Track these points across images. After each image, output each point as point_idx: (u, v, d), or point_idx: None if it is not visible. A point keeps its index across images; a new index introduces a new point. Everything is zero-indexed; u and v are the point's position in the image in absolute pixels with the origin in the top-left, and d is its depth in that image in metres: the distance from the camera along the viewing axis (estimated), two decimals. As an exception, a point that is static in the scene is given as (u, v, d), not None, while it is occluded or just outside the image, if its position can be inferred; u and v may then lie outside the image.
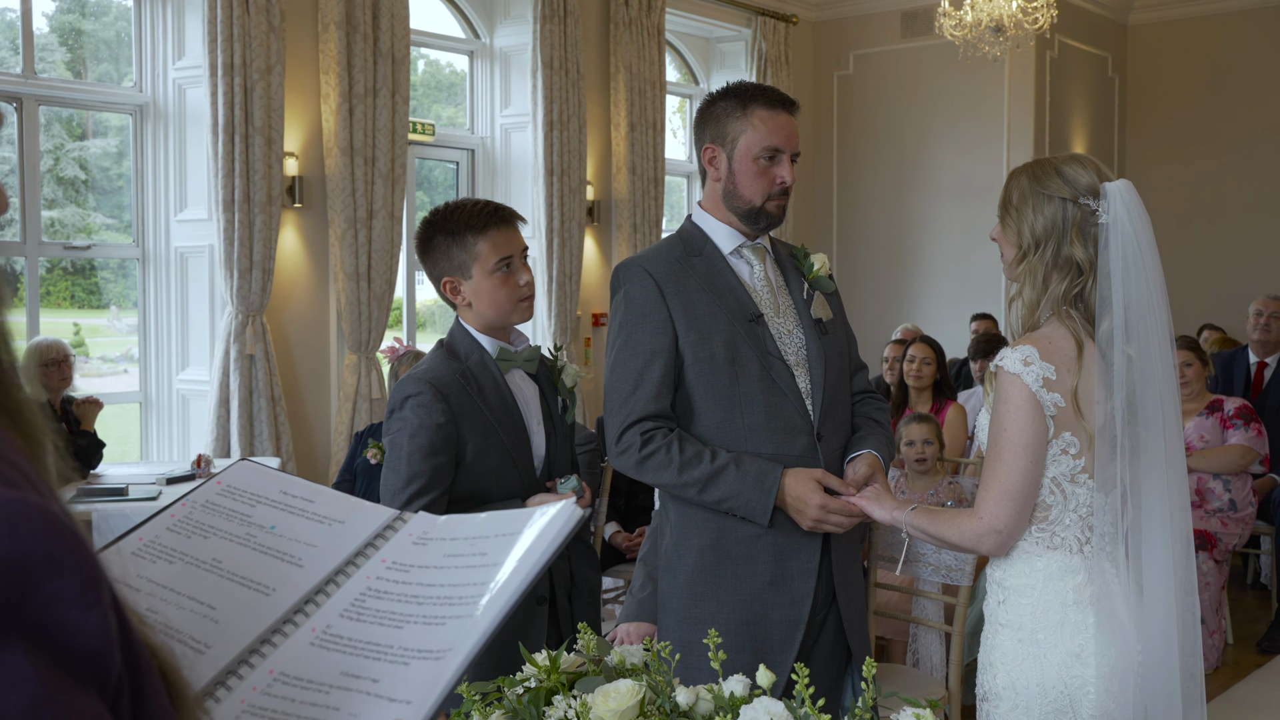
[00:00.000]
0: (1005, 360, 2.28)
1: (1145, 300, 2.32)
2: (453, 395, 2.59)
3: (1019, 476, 2.25)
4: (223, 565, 1.26)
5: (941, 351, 6.12)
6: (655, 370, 2.72)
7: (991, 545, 2.31)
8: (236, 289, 6.95)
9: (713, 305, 2.74)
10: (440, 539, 1.31)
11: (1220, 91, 11.36)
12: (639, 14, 9.38)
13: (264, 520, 1.33)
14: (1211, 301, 10.92)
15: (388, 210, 7.66)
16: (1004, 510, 2.26)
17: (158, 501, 5.06)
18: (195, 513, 1.33)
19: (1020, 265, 2.37)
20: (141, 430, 7.48)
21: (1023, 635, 2.29)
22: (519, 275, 2.69)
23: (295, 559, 1.28)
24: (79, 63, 7.78)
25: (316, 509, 1.36)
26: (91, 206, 7.99)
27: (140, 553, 1.25)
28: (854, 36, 11.25)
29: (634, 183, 9.41)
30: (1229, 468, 5.68)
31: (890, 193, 10.85)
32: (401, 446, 2.54)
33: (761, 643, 2.74)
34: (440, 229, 2.67)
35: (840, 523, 2.63)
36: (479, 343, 2.70)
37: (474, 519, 1.33)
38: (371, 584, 1.26)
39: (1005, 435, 2.26)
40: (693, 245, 2.83)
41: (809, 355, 2.78)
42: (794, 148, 2.77)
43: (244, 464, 1.44)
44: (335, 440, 7.58)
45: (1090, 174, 2.35)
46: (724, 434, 2.72)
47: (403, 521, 1.36)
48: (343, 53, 7.43)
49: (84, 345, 8.66)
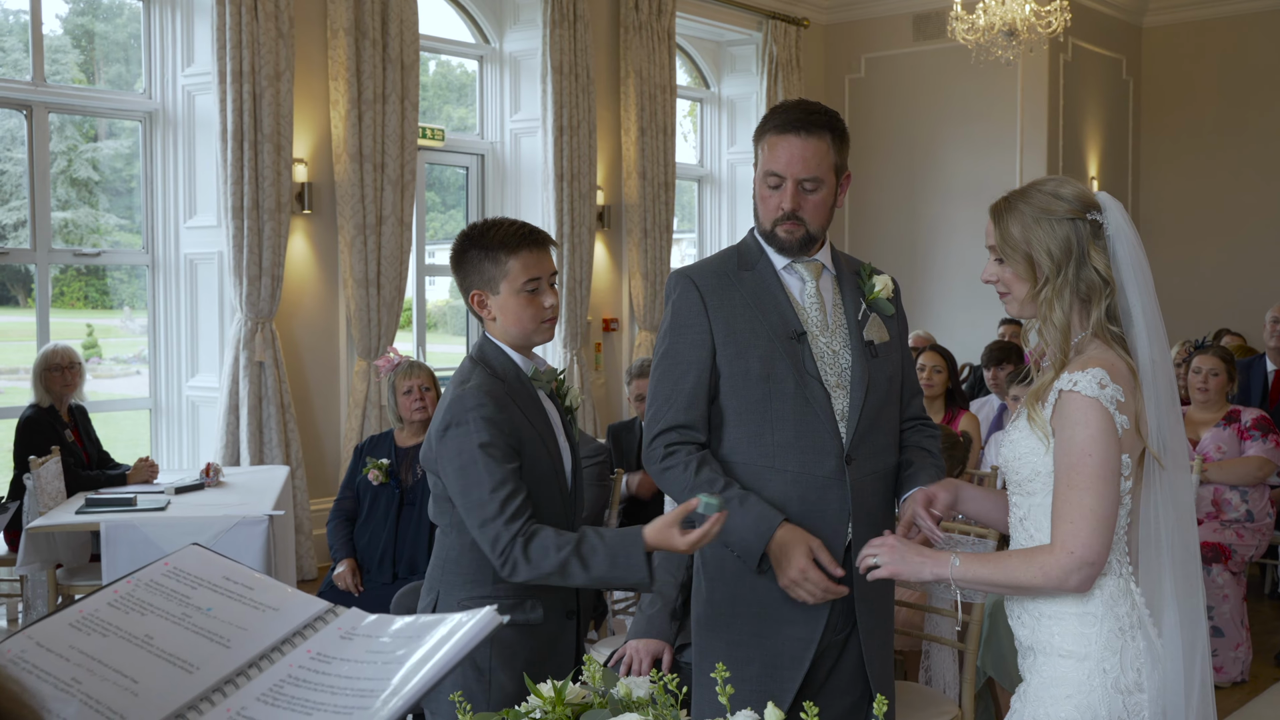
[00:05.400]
0: (1080, 384, 2.20)
1: (1153, 302, 2.30)
2: (508, 408, 2.61)
3: (1110, 503, 2.18)
4: (153, 641, 1.33)
5: (952, 360, 6.07)
6: (688, 381, 2.73)
7: (1081, 580, 2.19)
8: (246, 295, 6.93)
9: (754, 320, 2.72)
10: (366, 635, 1.38)
11: (1236, 93, 11.28)
12: (649, 18, 9.34)
13: (202, 602, 1.40)
14: (1227, 306, 10.85)
15: (397, 216, 7.64)
16: (1097, 540, 2.17)
17: (166, 512, 5.03)
18: (138, 590, 1.40)
19: (1041, 294, 2.32)
20: (151, 436, 7.47)
21: (1089, 665, 2.24)
22: (545, 297, 2.72)
23: (224, 640, 1.34)
24: (91, 64, 7.78)
25: (254, 595, 1.43)
26: (104, 208, 7.99)
27: (78, 624, 1.32)
28: (865, 40, 11.21)
29: (644, 188, 9.38)
30: (1246, 479, 5.62)
31: (902, 197, 10.80)
32: (474, 457, 2.53)
33: (772, 657, 2.71)
34: (475, 243, 2.71)
35: (813, 594, 2.61)
36: (513, 359, 2.73)
37: (401, 619, 1.40)
38: (294, 672, 1.32)
39: (1091, 460, 2.18)
40: (747, 258, 2.81)
41: (852, 377, 2.74)
42: (799, 173, 2.69)
43: (193, 549, 1.51)
44: (344, 448, 7.56)
45: (1079, 188, 2.33)
46: (753, 449, 2.71)
47: (334, 615, 1.42)
48: (352, 59, 7.41)
49: (97, 346, 8.67)
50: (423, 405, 5.06)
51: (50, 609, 5.19)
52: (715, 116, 10.94)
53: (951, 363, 6.03)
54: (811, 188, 2.72)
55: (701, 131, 10.96)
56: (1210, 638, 5.38)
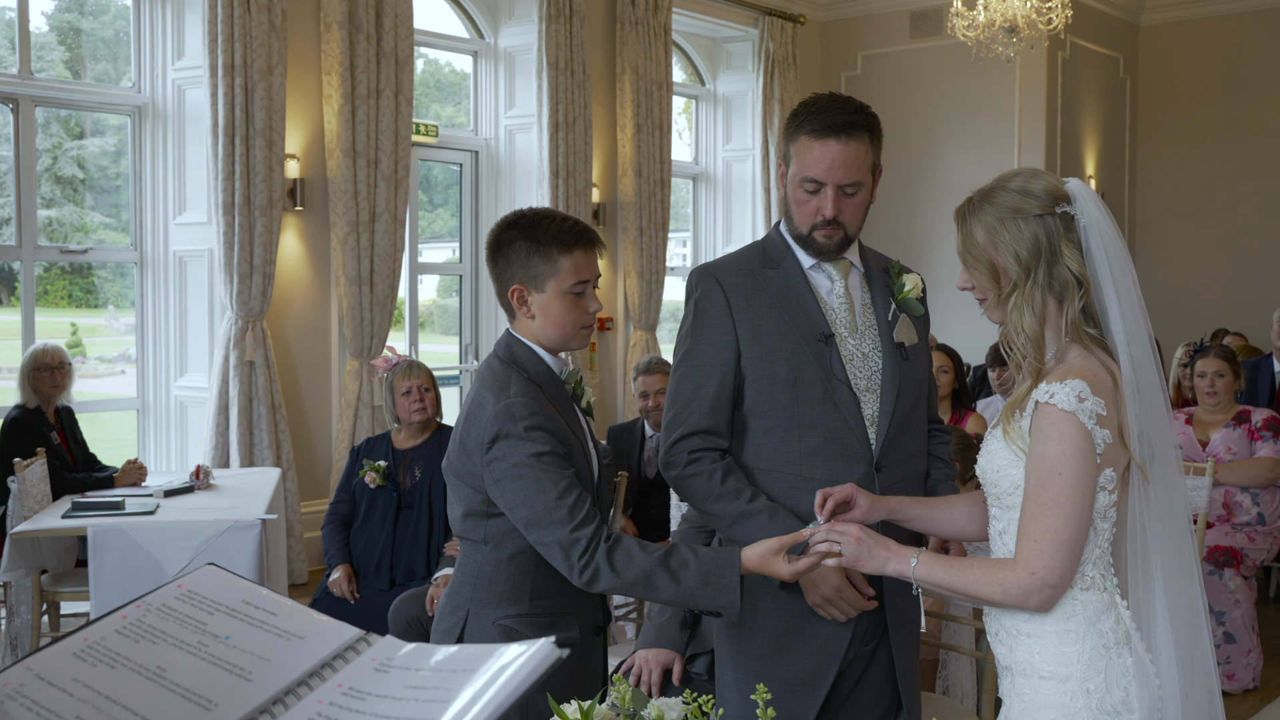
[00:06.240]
0: (1057, 397, 2.07)
1: (1134, 297, 2.16)
2: (551, 415, 2.46)
3: (1076, 525, 2.06)
4: (166, 674, 1.18)
5: (959, 360, 5.98)
6: (711, 385, 2.61)
7: (1041, 602, 2.09)
8: (236, 294, 6.80)
9: (781, 321, 2.60)
10: (404, 668, 1.22)
11: (1233, 92, 11.22)
12: (645, 14, 9.23)
13: (219, 629, 1.25)
14: (1224, 306, 10.78)
15: (390, 213, 7.51)
16: (1059, 562, 2.06)
17: (155, 516, 4.90)
18: (149, 616, 1.25)
19: (1011, 299, 2.19)
20: (139, 437, 7.33)
21: (1072, 686, 2.12)
22: (590, 302, 2.57)
23: (245, 672, 1.20)
24: (77, 61, 7.64)
25: (278, 622, 1.28)
26: (89, 206, 7.85)
27: (82, 654, 1.18)
28: (862, 37, 11.12)
29: (640, 185, 9.26)
30: (1258, 481, 5.53)
31: (899, 195, 10.71)
32: (533, 466, 2.37)
33: (795, 673, 2.60)
34: (525, 234, 2.52)
35: (846, 612, 2.51)
36: (545, 361, 2.57)
37: (443, 650, 1.24)
38: (323, 709, 1.17)
39: (1061, 479, 2.06)
40: (773, 255, 2.69)
41: (883, 380, 2.62)
42: (840, 179, 2.56)
43: (210, 569, 1.36)
44: (336, 449, 7.43)
45: (1048, 179, 2.18)
46: (779, 456, 2.60)
47: (366, 644, 1.27)
48: (345, 53, 7.28)
49: (81, 346, 8.53)
50: (422, 406, 4.92)
51: (34, 616, 5.06)
52: (711, 113, 10.83)
53: (959, 362, 5.93)
54: (852, 192, 2.60)
55: (697, 129, 10.85)
56: (1224, 644, 5.31)
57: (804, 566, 2.27)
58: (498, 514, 2.47)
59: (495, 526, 2.48)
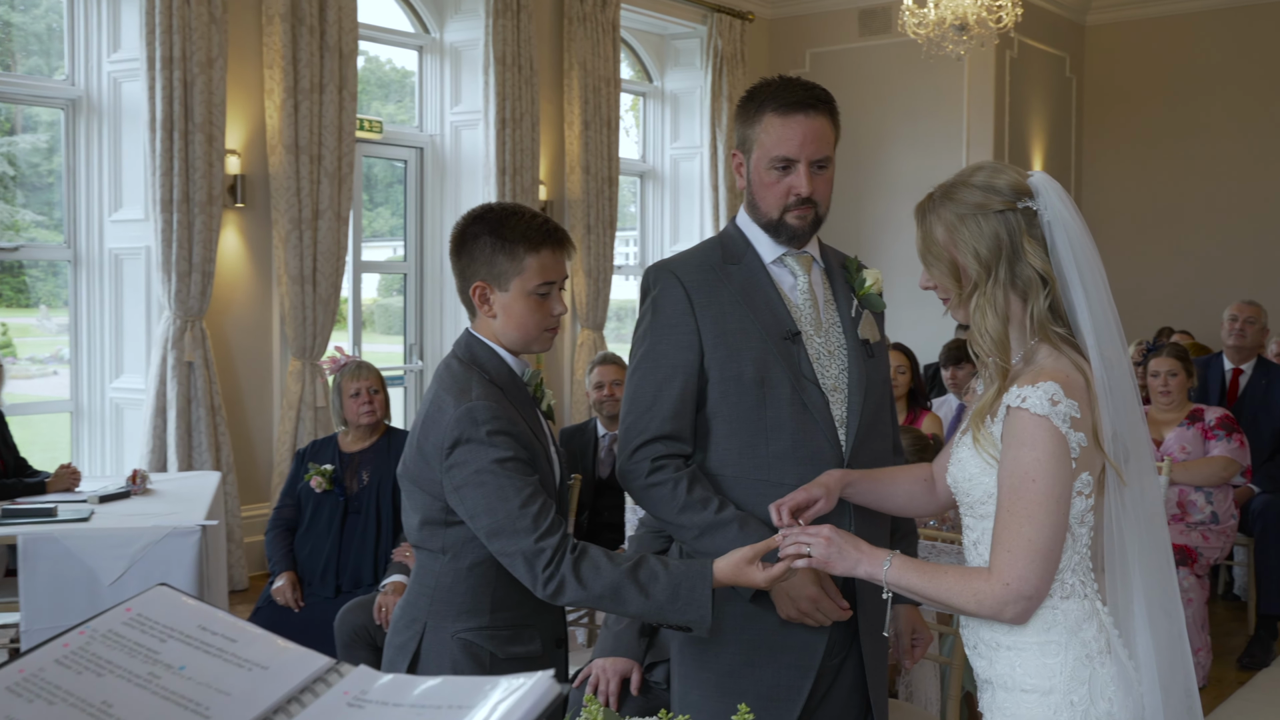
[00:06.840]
0: (1029, 401, 1.99)
1: (1103, 294, 2.09)
2: (514, 419, 2.35)
3: (1051, 532, 1.98)
4: (112, 710, 1.04)
5: (915, 359, 5.93)
6: (674, 387, 2.49)
7: (1016, 614, 2.02)
8: (175, 293, 6.61)
9: (745, 320, 2.49)
10: (381, 703, 1.08)
11: (1178, 93, 11.31)
12: (593, 9, 9.12)
13: (173, 659, 1.11)
14: (1170, 304, 10.87)
15: (334, 210, 7.35)
16: (1034, 573, 1.99)
17: (89, 523, 4.71)
18: (93, 643, 1.10)
19: (973, 300, 2.11)
20: (72, 441, 7.10)
21: (1055, 699, 2.04)
22: (554, 304, 2.46)
23: (202, 708, 1.06)
24: (8, 56, 7.39)
25: (238, 650, 1.14)
26: (20, 203, 7.60)
27: (17, 688, 1.04)
28: (811, 34, 11.09)
29: (588, 182, 9.15)
30: (1211, 480, 5.53)
31: (848, 194, 10.66)
32: (495, 473, 2.26)
33: (767, 689, 2.49)
34: (491, 229, 2.41)
35: (823, 621, 2.42)
36: (506, 361, 2.46)
37: (426, 682, 1.11)
38: None
39: (1035, 487, 1.98)
40: (732, 251, 2.58)
41: (850, 380, 2.53)
42: (812, 154, 2.47)
43: (161, 590, 1.21)
44: (278, 451, 7.25)
45: (1011, 174, 2.10)
46: (745, 461, 2.48)
47: (338, 675, 1.13)
48: (288, 46, 7.10)
49: (11, 346, 8.28)
50: (371, 409, 4.78)
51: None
52: (659, 111, 10.74)
53: (915, 362, 5.89)
54: (823, 166, 2.51)
55: (644, 126, 10.76)
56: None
57: (779, 572, 2.18)
58: (457, 522, 2.34)
59: (454, 535, 2.36)
